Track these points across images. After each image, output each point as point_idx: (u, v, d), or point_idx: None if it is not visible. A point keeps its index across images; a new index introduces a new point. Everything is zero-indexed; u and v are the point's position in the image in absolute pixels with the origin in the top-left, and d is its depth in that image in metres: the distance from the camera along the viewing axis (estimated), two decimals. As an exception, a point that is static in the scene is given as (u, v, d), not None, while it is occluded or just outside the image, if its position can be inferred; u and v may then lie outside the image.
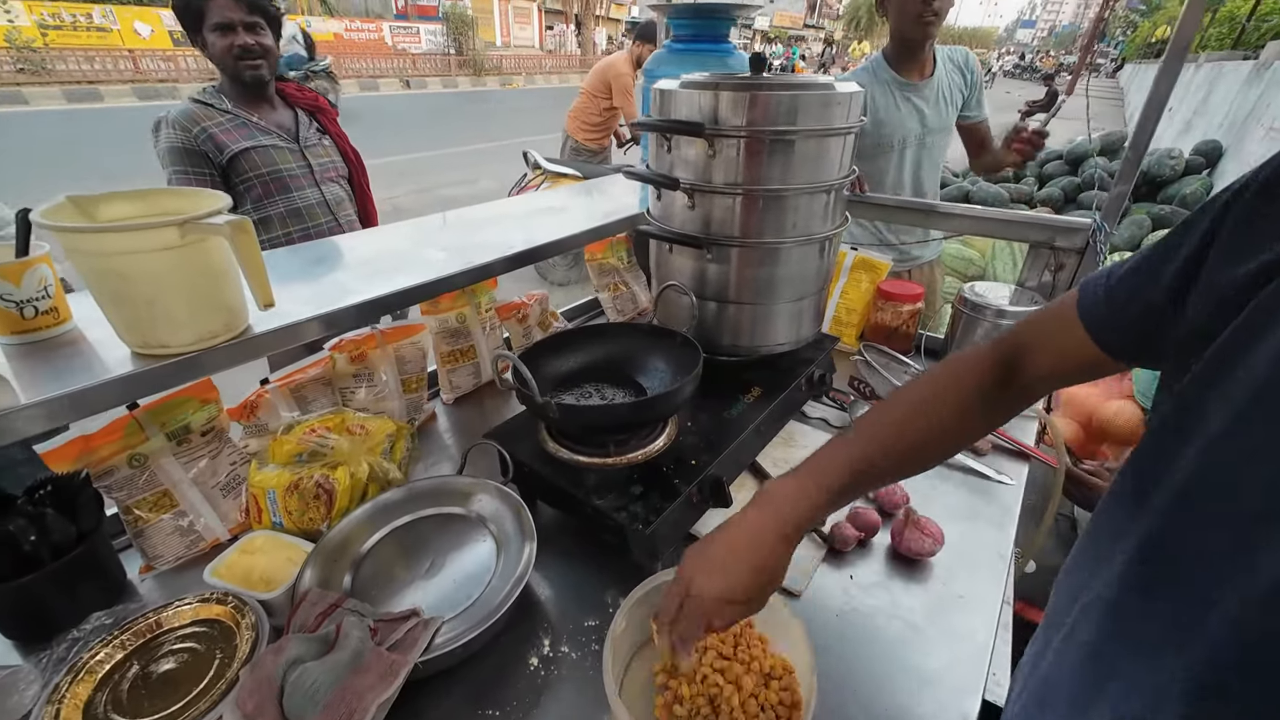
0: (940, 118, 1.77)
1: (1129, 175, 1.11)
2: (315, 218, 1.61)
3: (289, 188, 1.56)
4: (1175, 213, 3.82)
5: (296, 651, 0.59)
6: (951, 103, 1.77)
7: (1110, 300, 0.48)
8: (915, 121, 1.74)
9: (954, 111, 1.79)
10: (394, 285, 0.94)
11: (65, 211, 0.59)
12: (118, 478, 0.81)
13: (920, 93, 1.72)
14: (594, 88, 4.04)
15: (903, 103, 1.72)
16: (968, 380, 0.59)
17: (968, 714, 0.67)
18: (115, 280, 0.58)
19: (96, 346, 0.70)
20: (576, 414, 0.82)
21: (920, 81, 1.72)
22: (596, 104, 4.08)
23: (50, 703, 0.60)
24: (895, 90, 1.71)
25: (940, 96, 1.75)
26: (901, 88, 1.71)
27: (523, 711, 0.67)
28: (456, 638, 0.65)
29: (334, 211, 1.65)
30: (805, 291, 1.06)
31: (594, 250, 1.53)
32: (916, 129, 1.75)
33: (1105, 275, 0.49)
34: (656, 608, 0.60)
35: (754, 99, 0.89)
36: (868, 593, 0.82)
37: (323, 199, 1.63)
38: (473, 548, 0.79)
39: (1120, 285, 0.48)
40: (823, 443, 0.61)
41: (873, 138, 1.73)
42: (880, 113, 1.71)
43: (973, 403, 0.58)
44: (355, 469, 0.86)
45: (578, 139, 4.21)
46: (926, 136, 1.77)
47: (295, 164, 1.57)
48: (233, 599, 0.72)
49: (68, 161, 6.70)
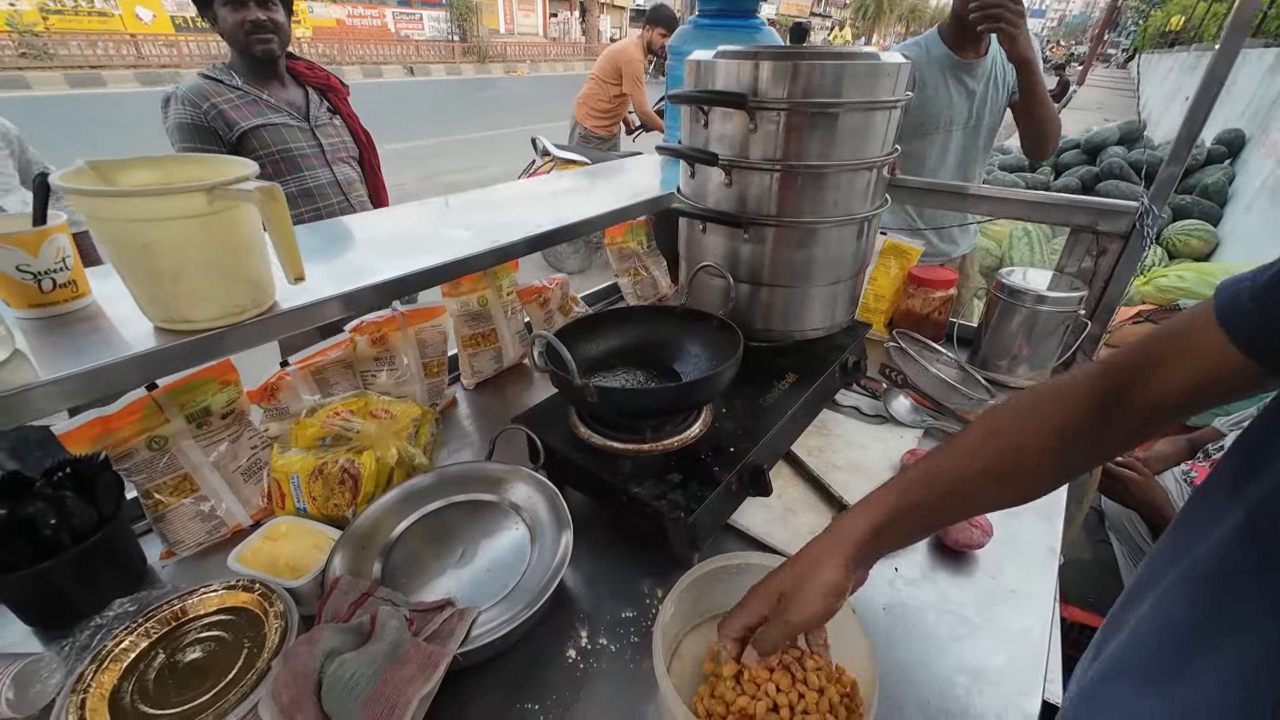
0: (992, 99, 1.68)
1: (1181, 156, 1.06)
2: (326, 198, 1.57)
3: (299, 167, 1.52)
4: (1196, 203, 3.75)
5: (332, 643, 0.56)
6: (1005, 83, 1.68)
7: (1258, 298, 0.42)
8: (964, 103, 1.65)
9: (1005, 93, 1.69)
10: (418, 264, 0.90)
11: (85, 177, 0.56)
12: (137, 460, 0.78)
13: (973, 72, 1.63)
14: (603, 73, 3.97)
15: (954, 83, 1.63)
16: (1051, 410, 0.53)
17: (1029, 714, 0.64)
18: (138, 250, 0.54)
19: (116, 323, 0.66)
20: (617, 397, 0.79)
21: (975, 60, 1.63)
22: (605, 90, 4.02)
23: (75, 692, 0.58)
24: (947, 69, 1.63)
25: (994, 76, 1.66)
26: (954, 66, 1.63)
27: (563, 705, 0.65)
28: (496, 628, 0.62)
29: (345, 192, 1.62)
30: (842, 275, 1.03)
31: (614, 234, 1.49)
32: (964, 111, 1.66)
33: (1248, 278, 0.44)
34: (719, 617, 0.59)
35: (797, 69, 0.84)
36: (915, 586, 0.79)
37: (334, 179, 1.59)
38: (506, 535, 0.76)
39: (1272, 284, 0.42)
40: (856, 431, 0.59)
41: (916, 117, 1.65)
42: (928, 89, 1.63)
43: (1060, 434, 0.52)
44: (383, 453, 0.83)
45: (586, 125, 4.15)
46: (975, 119, 1.69)
47: (306, 143, 1.53)
48: (259, 586, 0.69)
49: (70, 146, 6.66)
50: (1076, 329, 1.19)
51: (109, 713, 0.57)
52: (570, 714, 0.64)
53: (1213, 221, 3.63)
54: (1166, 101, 8.41)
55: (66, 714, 0.56)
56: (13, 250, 0.57)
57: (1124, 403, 0.49)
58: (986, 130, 1.74)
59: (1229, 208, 3.75)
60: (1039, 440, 0.53)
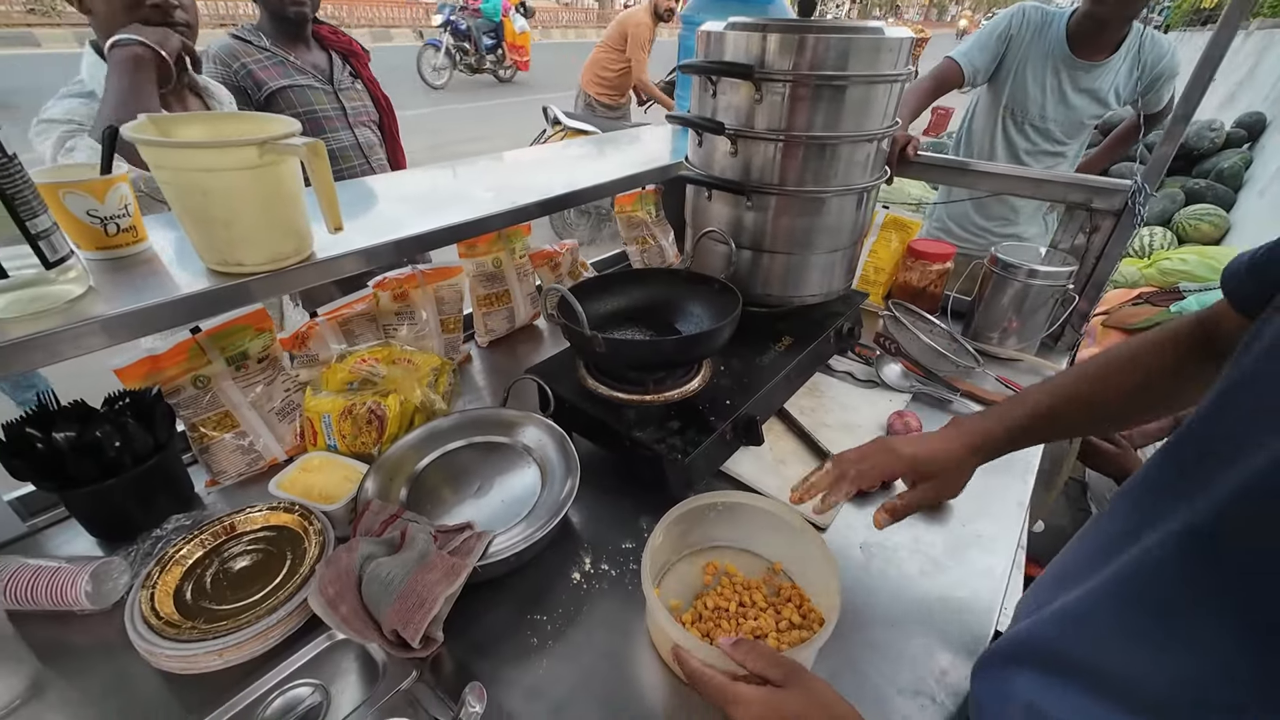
0: (1095, 108, 1.64)
1: (1175, 136, 1.10)
2: (349, 160, 1.62)
3: (323, 128, 1.56)
4: (1210, 187, 3.71)
5: (369, 550, 0.64)
6: (1118, 96, 1.64)
7: (1252, 265, 0.50)
8: (1059, 106, 1.63)
9: (1110, 108, 1.66)
10: (438, 222, 0.95)
11: (146, 129, 0.62)
12: (184, 396, 0.85)
13: (1089, 75, 1.59)
14: (612, 40, 3.93)
15: (1066, 83, 1.61)
16: (1167, 343, 0.62)
17: (982, 637, 0.72)
18: (198, 196, 0.61)
19: (170, 266, 0.73)
20: (623, 348, 0.86)
21: (1094, 63, 1.57)
22: (613, 58, 3.97)
23: (145, 587, 0.66)
24: (1061, 65, 1.59)
25: (1115, 87, 1.62)
26: (1069, 65, 1.59)
27: (566, 618, 0.73)
28: (509, 547, 0.70)
29: (366, 154, 1.66)
30: (840, 244, 1.07)
31: (623, 203, 1.53)
32: (1058, 113, 1.64)
33: (1250, 251, 0.51)
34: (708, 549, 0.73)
35: (803, 42, 0.88)
36: (891, 530, 0.86)
37: (355, 141, 1.63)
38: (519, 473, 0.84)
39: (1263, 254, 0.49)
40: (847, 394, 0.66)
41: (1012, 98, 1.65)
42: (1025, 74, 1.61)
43: (1174, 362, 0.61)
44: (406, 396, 0.91)
45: (591, 93, 4.11)
46: (1063, 122, 1.66)
47: (329, 105, 1.57)
48: (299, 508, 0.78)
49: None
50: (1065, 303, 1.24)
51: (174, 605, 0.66)
52: (573, 625, 0.72)
53: (1226, 206, 3.60)
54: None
55: (139, 605, 0.65)
56: (84, 196, 0.63)
57: (1210, 340, 0.59)
58: (1075, 142, 1.72)
59: (1243, 192, 3.71)
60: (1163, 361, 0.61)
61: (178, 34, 1.08)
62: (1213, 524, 0.37)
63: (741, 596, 0.72)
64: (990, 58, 1.67)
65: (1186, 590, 0.38)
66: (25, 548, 0.79)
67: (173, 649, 0.60)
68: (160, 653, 0.60)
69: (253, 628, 0.62)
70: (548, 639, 0.70)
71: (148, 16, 1.05)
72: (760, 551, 0.80)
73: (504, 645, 0.69)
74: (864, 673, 0.67)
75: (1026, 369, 1.27)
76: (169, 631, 0.62)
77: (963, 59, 1.68)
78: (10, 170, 0.53)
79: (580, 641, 0.70)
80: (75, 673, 0.65)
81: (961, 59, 1.68)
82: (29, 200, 0.55)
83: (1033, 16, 1.64)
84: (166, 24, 1.06)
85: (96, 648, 0.67)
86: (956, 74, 1.68)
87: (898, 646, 0.70)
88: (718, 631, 0.67)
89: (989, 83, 1.73)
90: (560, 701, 0.63)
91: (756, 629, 0.67)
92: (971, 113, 1.86)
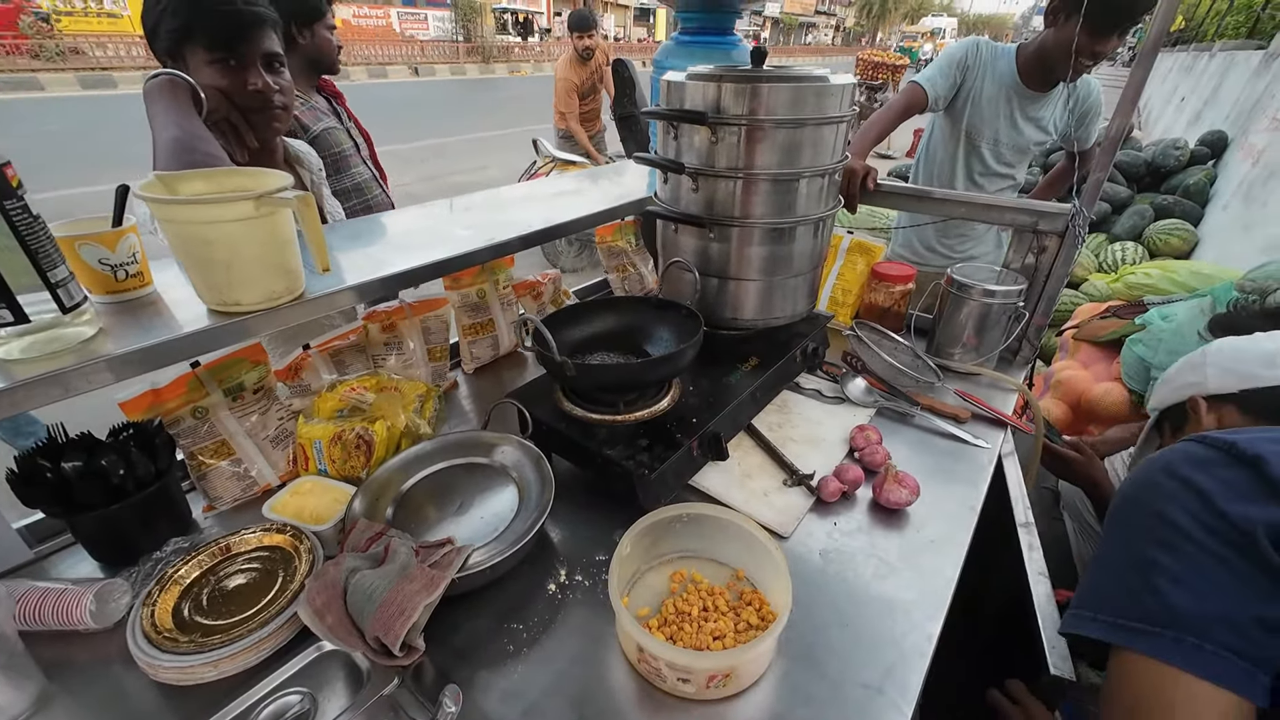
0: (1039, 135, 1.82)
1: (1105, 164, 1.18)
2: (371, 191, 1.72)
3: (350, 165, 1.66)
4: (1178, 203, 3.85)
5: (354, 564, 0.70)
6: (1055, 126, 1.83)
7: None
8: (1010, 130, 1.80)
9: (1050, 135, 1.84)
10: (424, 259, 1.02)
11: (155, 187, 0.69)
12: (183, 427, 0.91)
13: (1035, 104, 1.78)
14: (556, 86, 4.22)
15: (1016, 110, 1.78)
16: None
17: (931, 634, 0.77)
18: (200, 245, 0.68)
19: (173, 306, 0.80)
20: (591, 372, 0.92)
21: (1039, 94, 1.77)
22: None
23: (145, 605, 0.71)
24: (1013, 94, 1.76)
25: (1054, 119, 1.81)
26: (1019, 94, 1.76)
27: (543, 626, 0.78)
28: (486, 560, 0.75)
29: (380, 185, 1.77)
30: (800, 269, 1.15)
31: (604, 233, 1.62)
32: (1009, 137, 1.81)
33: None
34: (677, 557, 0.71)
35: (755, 90, 0.97)
36: (850, 537, 0.92)
37: (369, 174, 1.75)
38: (498, 492, 0.90)
39: None
40: (813, 410, 0.71)
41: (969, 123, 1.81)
42: (981, 101, 1.78)
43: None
44: (393, 422, 0.97)
45: (560, 129, 4.36)
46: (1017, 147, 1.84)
47: (347, 144, 1.68)
48: (290, 529, 0.83)
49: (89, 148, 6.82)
50: (1017, 319, 1.31)
51: (173, 621, 0.71)
52: (548, 632, 0.77)
53: (1193, 221, 3.73)
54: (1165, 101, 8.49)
55: (140, 622, 0.70)
56: (97, 247, 0.70)
57: None
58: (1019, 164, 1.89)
59: (1209, 207, 3.85)
60: None
61: (276, 119, 1.10)
62: None
63: (705, 601, 0.77)
64: (950, 84, 1.79)
65: None
66: (33, 572, 0.83)
67: (170, 661, 0.65)
68: (159, 665, 0.65)
69: (245, 640, 0.67)
70: (524, 646, 0.75)
71: (250, 104, 1.06)
72: (724, 559, 0.85)
73: (483, 652, 0.74)
74: (822, 669, 0.72)
75: (986, 383, 1.34)
76: (167, 645, 0.67)
77: (927, 84, 1.79)
78: (35, 229, 0.60)
79: (554, 648, 0.75)
80: (80, 687, 0.69)
81: (926, 84, 1.79)
82: (50, 253, 0.62)
83: (984, 49, 1.78)
84: (267, 109, 1.08)
85: (99, 664, 0.71)
86: (922, 98, 1.80)
87: (851, 644, 0.75)
88: (680, 635, 0.72)
89: (947, 109, 1.85)
90: (534, 703, 0.68)
91: (716, 630, 0.72)
92: (930, 136, 1.98)
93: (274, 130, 1.12)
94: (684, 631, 0.72)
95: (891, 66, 10.45)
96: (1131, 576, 0.59)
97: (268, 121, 1.10)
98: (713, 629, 0.72)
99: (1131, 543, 0.60)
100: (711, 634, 0.72)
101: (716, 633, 0.72)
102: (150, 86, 0.94)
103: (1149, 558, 0.57)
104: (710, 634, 0.72)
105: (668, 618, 0.75)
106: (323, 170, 1.36)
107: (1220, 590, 0.53)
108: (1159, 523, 0.58)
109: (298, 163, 1.29)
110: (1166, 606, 0.55)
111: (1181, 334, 1.79)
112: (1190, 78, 7.36)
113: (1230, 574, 0.53)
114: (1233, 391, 0.80)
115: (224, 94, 1.03)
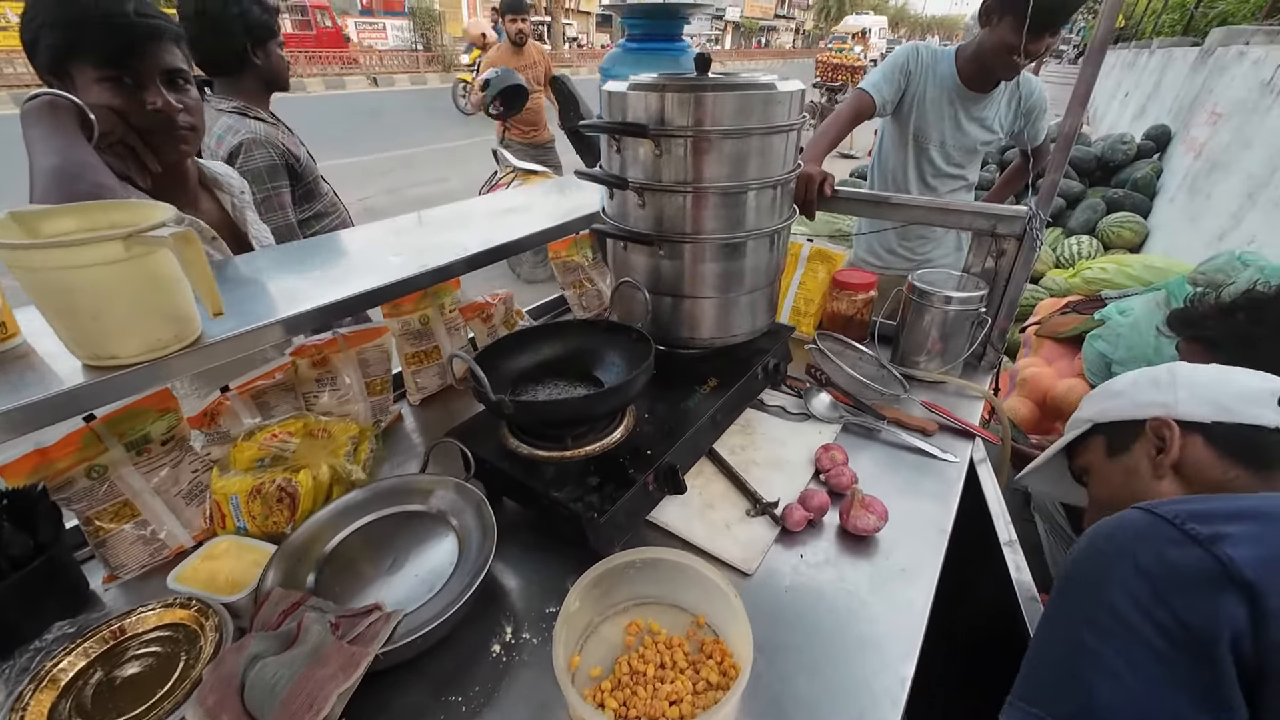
0: (985, 135, 1.82)
1: (1060, 164, 1.17)
2: (337, 209, 1.71)
3: (321, 185, 1.65)
4: (1129, 196, 3.96)
5: (259, 648, 0.61)
6: (1001, 125, 1.83)
7: None
8: (955, 132, 1.80)
9: (996, 134, 1.85)
10: (352, 289, 0.94)
11: (8, 228, 0.60)
12: (77, 489, 0.81)
13: (978, 105, 1.78)
14: None
15: (960, 111, 1.78)
16: None
17: (904, 677, 0.72)
18: (60, 294, 0.59)
19: (48, 359, 0.70)
20: (530, 409, 0.85)
21: (981, 95, 1.77)
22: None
23: (14, 711, 0.61)
24: (955, 96, 1.76)
25: (998, 117, 1.81)
26: (961, 96, 1.76)
27: (485, 696, 0.70)
28: (416, 629, 0.68)
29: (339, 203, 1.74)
30: (757, 284, 1.10)
31: (558, 248, 1.55)
32: (955, 138, 1.81)
33: None
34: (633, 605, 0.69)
35: (698, 100, 0.92)
36: (817, 570, 0.87)
37: (331, 190, 1.71)
38: (435, 543, 0.82)
39: None
40: (777, 429, 0.65)
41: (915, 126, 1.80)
42: (925, 104, 1.77)
43: None
44: (317, 472, 0.88)
45: (507, 136, 4.26)
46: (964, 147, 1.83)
47: (313, 166, 1.63)
48: (196, 603, 0.74)
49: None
50: (980, 324, 1.29)
51: (48, 727, 0.61)
52: (492, 704, 0.69)
53: (1143, 213, 3.84)
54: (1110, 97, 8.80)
55: (6, 731, 0.60)
56: (-60, 298, 0.60)
57: None
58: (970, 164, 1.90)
59: (1157, 200, 3.97)
60: None
61: (182, 141, 1.00)
62: None
63: (663, 657, 0.71)
64: (895, 90, 1.79)
65: None
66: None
67: (39, 780, 0.56)
68: (25, 785, 0.56)
69: (132, 746, 0.58)
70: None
71: (150, 125, 0.96)
72: (684, 605, 0.79)
73: (414, 735, 0.66)
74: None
75: (953, 391, 1.31)
76: (37, 759, 0.57)
77: (874, 90, 1.78)
78: None
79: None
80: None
81: (872, 90, 1.78)
82: None
83: (924, 53, 1.79)
84: (170, 130, 0.98)
85: (-40, 783, 0.61)
86: (869, 104, 1.79)
87: (820, 692, 0.70)
88: (634, 699, 0.66)
89: (894, 114, 1.85)
90: (471, 792, 0.61)
91: (672, 693, 0.66)
92: (881, 141, 1.98)
93: (181, 152, 1.02)
94: (638, 697, 0.66)
95: (850, 68, 10.69)
96: (1064, 665, 0.56)
97: (173, 144, 1.00)
98: (669, 692, 0.66)
99: (1071, 624, 0.57)
100: (668, 698, 0.65)
101: (673, 696, 0.65)
102: (28, 109, 0.84)
103: (1085, 644, 0.54)
104: (666, 698, 0.65)
105: (621, 679, 0.68)
106: (247, 193, 1.27)
107: (1153, 689, 0.50)
108: (1098, 607, 0.54)
109: (216, 186, 1.19)
110: (1091, 709, 0.52)
111: (1139, 329, 1.81)
112: (1133, 74, 7.65)
113: (1168, 672, 0.49)
114: (1204, 421, 0.76)
115: (118, 114, 0.93)
